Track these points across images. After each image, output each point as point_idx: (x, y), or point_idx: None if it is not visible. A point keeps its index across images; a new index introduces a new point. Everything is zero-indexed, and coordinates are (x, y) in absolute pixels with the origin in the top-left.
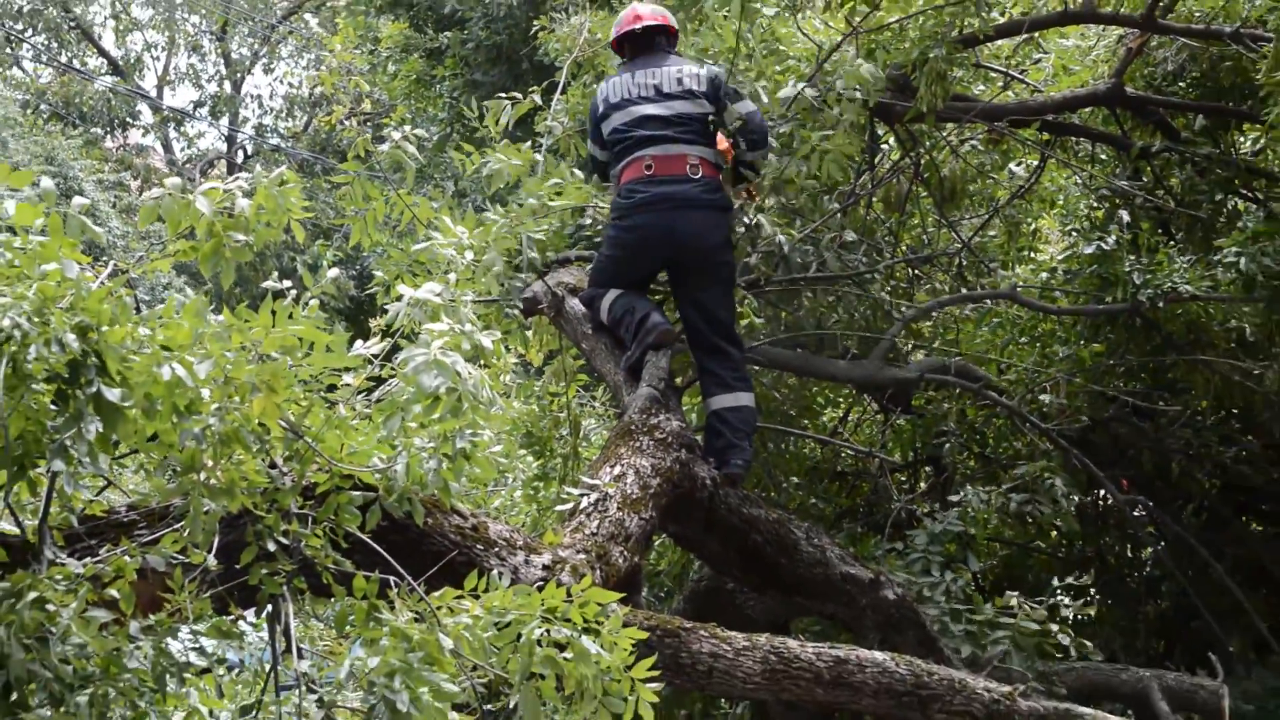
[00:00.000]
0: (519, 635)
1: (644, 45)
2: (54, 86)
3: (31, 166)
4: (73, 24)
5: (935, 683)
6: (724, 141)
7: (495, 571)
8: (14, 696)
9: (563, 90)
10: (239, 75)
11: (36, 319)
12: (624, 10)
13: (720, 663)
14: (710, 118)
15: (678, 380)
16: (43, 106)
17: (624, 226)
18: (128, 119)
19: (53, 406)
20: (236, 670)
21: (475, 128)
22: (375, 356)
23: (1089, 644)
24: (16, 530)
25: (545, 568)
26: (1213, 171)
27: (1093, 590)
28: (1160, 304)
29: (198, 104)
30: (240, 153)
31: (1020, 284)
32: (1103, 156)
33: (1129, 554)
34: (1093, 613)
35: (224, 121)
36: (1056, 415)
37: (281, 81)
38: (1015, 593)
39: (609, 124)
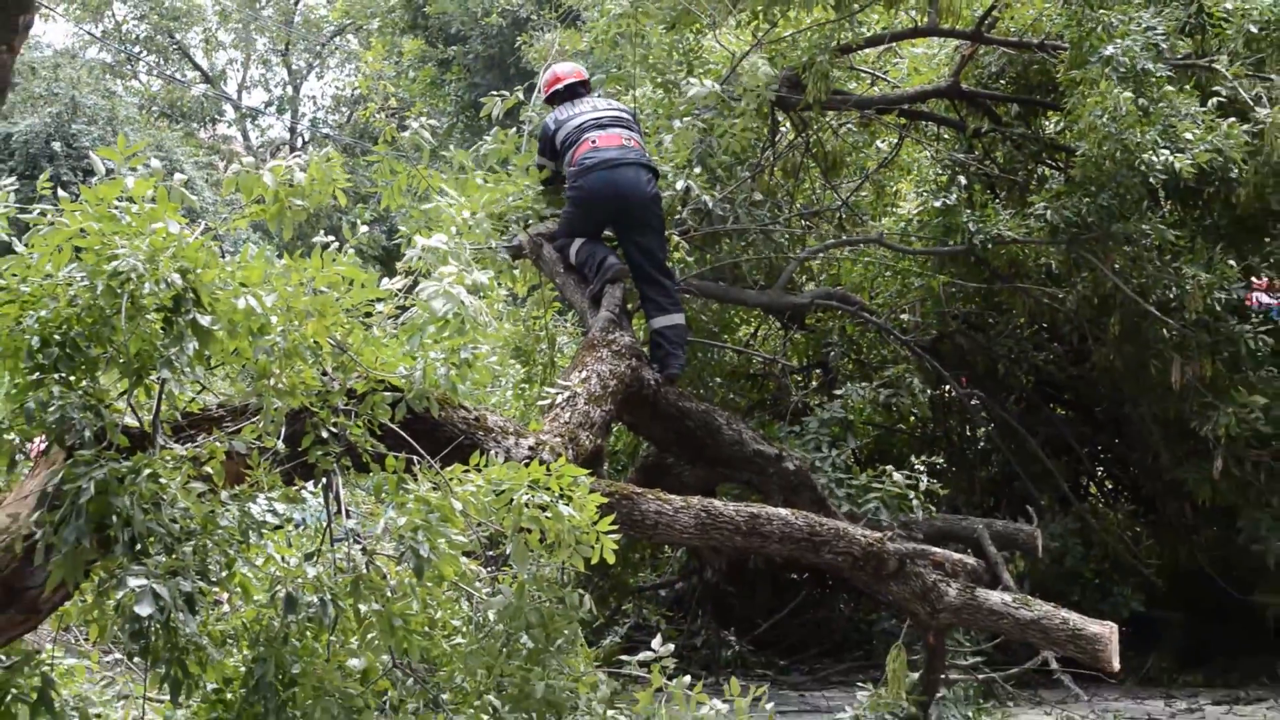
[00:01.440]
0: (511, 500)
1: (569, 95)
2: (162, 92)
3: (145, 154)
4: (175, 45)
5: (825, 531)
6: None
7: (493, 452)
8: (138, 547)
9: (539, 90)
10: (298, 81)
11: (149, 264)
12: (546, 74)
13: (663, 518)
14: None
15: (629, 306)
16: (154, 107)
17: (578, 187)
18: (215, 115)
19: (161, 330)
20: (301, 527)
21: (475, 118)
22: (399, 290)
23: (934, 507)
24: (136, 423)
25: (530, 448)
26: (1026, 147)
27: (940, 461)
28: (989, 245)
29: (267, 103)
30: (299, 140)
31: (885, 232)
32: (945, 136)
33: (967, 433)
34: (940, 483)
35: (287, 116)
36: (913, 330)
37: (330, 85)
38: (886, 465)
39: (560, 135)
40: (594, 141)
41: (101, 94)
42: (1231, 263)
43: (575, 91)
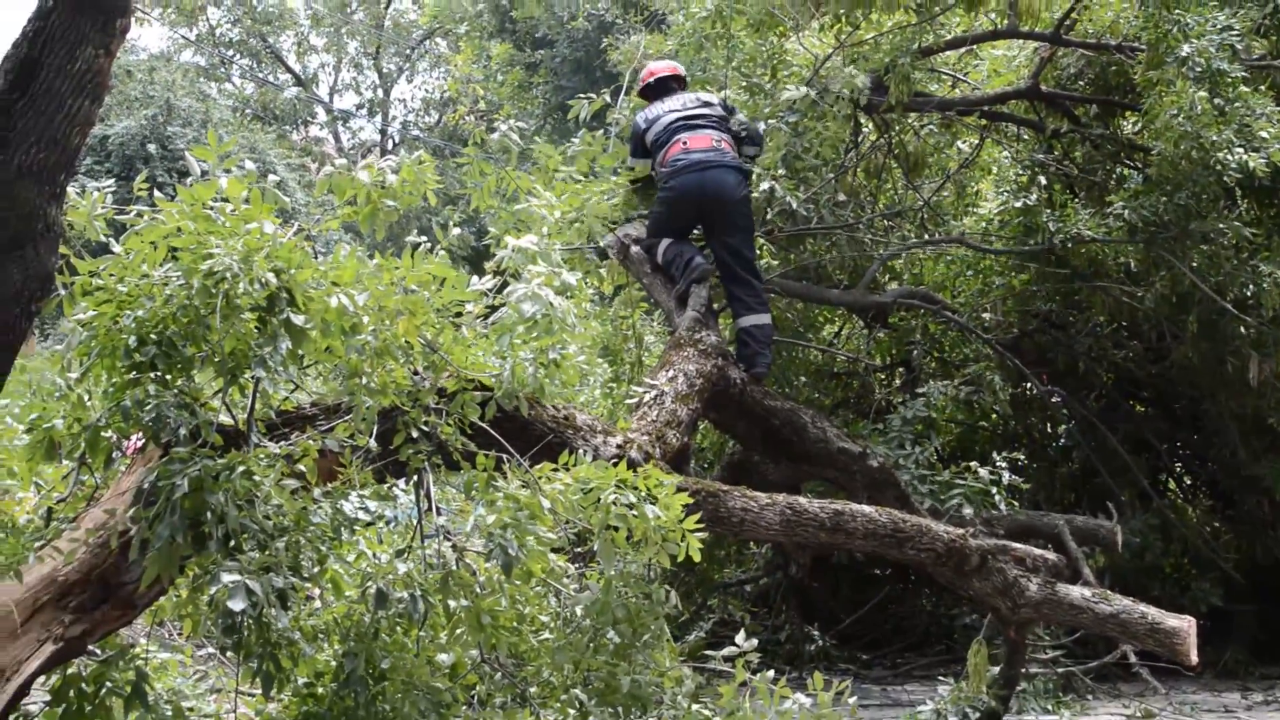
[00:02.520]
0: (599, 498)
1: (662, 90)
2: (255, 95)
3: (239, 155)
4: (268, 49)
5: (908, 528)
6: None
7: (581, 450)
8: (232, 544)
9: (626, 92)
10: (389, 84)
11: (244, 264)
12: (642, 70)
13: (749, 515)
14: (723, 120)
15: (715, 306)
16: (247, 110)
17: (668, 188)
18: (308, 118)
19: (255, 329)
20: (392, 524)
21: (562, 120)
22: (489, 290)
23: (1016, 503)
24: (231, 421)
25: (618, 447)
26: (1104, 147)
27: (1022, 457)
28: (1069, 245)
29: (358, 106)
30: (390, 142)
31: (966, 231)
32: (1025, 136)
33: (1048, 430)
34: (1022, 479)
35: (378, 119)
36: (994, 328)
37: (420, 88)
38: (968, 462)
39: (650, 134)
40: (685, 143)
41: (196, 97)
42: None
43: (668, 87)
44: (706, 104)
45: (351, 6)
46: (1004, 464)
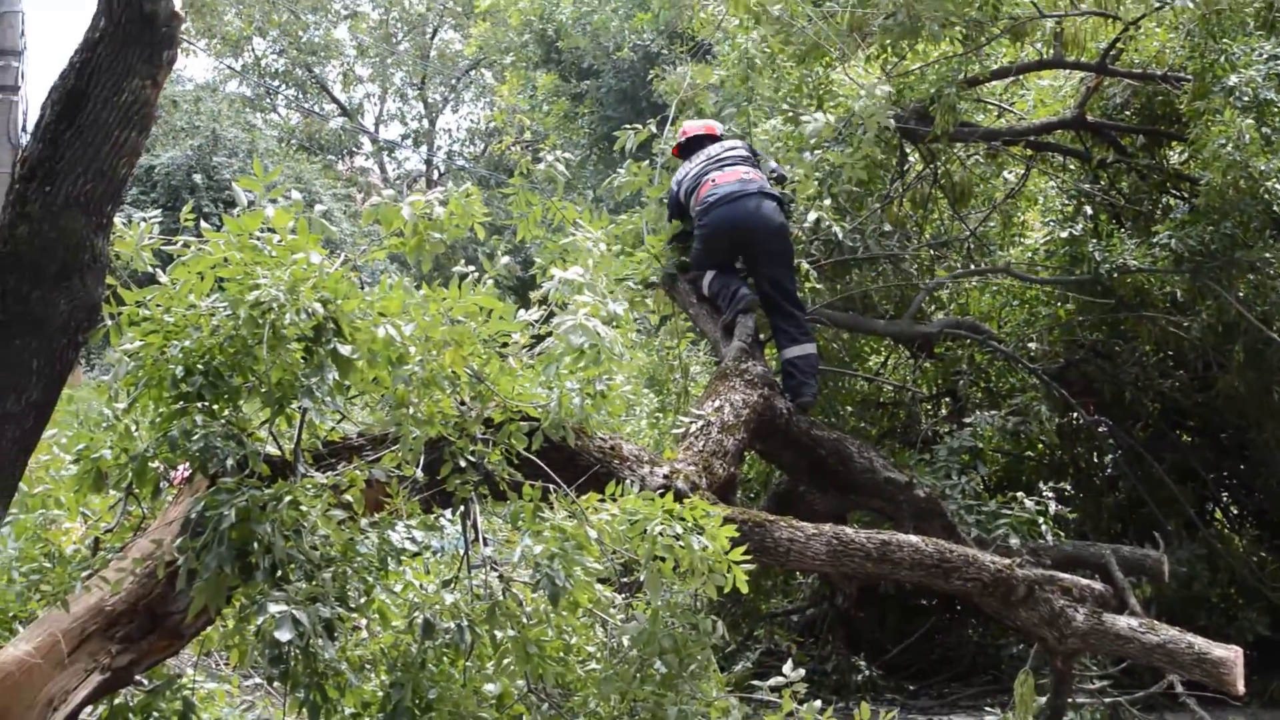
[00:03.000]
0: (645, 528)
1: (696, 147)
2: (300, 125)
3: (285, 185)
4: (313, 79)
5: (955, 558)
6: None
7: (628, 480)
8: (279, 574)
9: (672, 122)
10: (434, 114)
11: (290, 294)
12: (678, 128)
13: (795, 545)
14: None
15: (760, 336)
16: (293, 140)
17: (704, 224)
18: (353, 148)
19: (302, 359)
20: (438, 554)
21: (608, 150)
22: (535, 321)
23: (1062, 533)
24: (278, 452)
25: (665, 477)
26: (1150, 176)
27: (1068, 487)
28: (1115, 274)
29: (404, 136)
30: (435, 172)
31: (1012, 261)
32: (1071, 166)
33: (1094, 459)
34: (1068, 509)
35: (423, 149)
36: (1040, 358)
37: (465, 118)
38: (1015, 492)
39: (684, 189)
40: (713, 181)
41: (241, 127)
42: None
43: (701, 144)
44: (733, 147)
45: (397, 37)
46: (1050, 494)
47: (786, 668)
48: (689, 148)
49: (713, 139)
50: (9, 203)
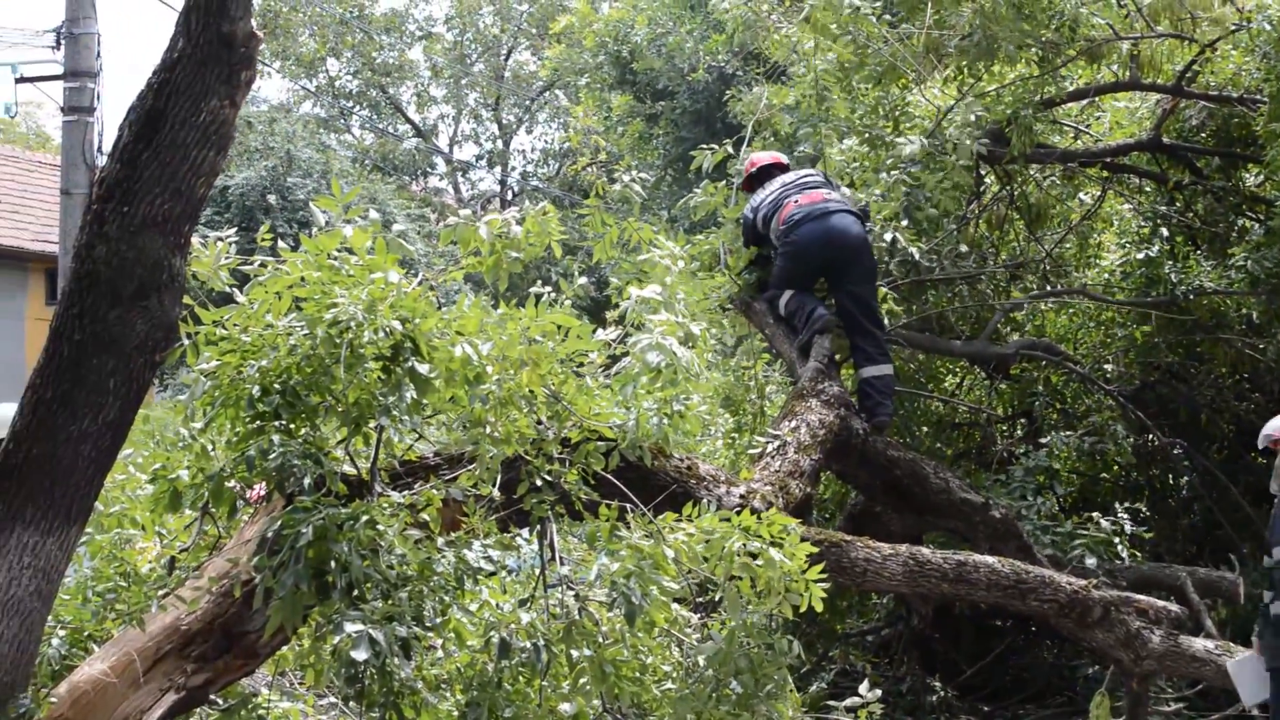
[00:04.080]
0: (723, 547)
1: (765, 177)
2: (375, 146)
3: (361, 205)
4: (387, 100)
5: (1031, 579)
6: None
7: (704, 500)
8: (355, 593)
9: (748, 143)
10: (508, 135)
11: (368, 313)
12: (745, 160)
13: (872, 565)
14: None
15: (837, 357)
16: (367, 161)
17: (790, 241)
18: (427, 169)
19: (379, 379)
20: (514, 574)
21: (682, 171)
22: (612, 341)
23: (1138, 554)
24: (354, 471)
25: (741, 497)
26: (1226, 198)
27: (1144, 508)
28: (1190, 296)
29: (478, 157)
30: (509, 192)
31: (1088, 283)
32: (1146, 188)
33: (1170, 481)
34: (1144, 530)
35: (497, 170)
36: (1116, 379)
37: (539, 139)
38: (1090, 513)
39: (760, 216)
40: (796, 201)
41: (316, 148)
42: None
43: (770, 174)
44: (809, 173)
45: (471, 58)
46: (1126, 515)
47: (863, 688)
48: (758, 178)
49: (781, 168)
50: (86, 223)
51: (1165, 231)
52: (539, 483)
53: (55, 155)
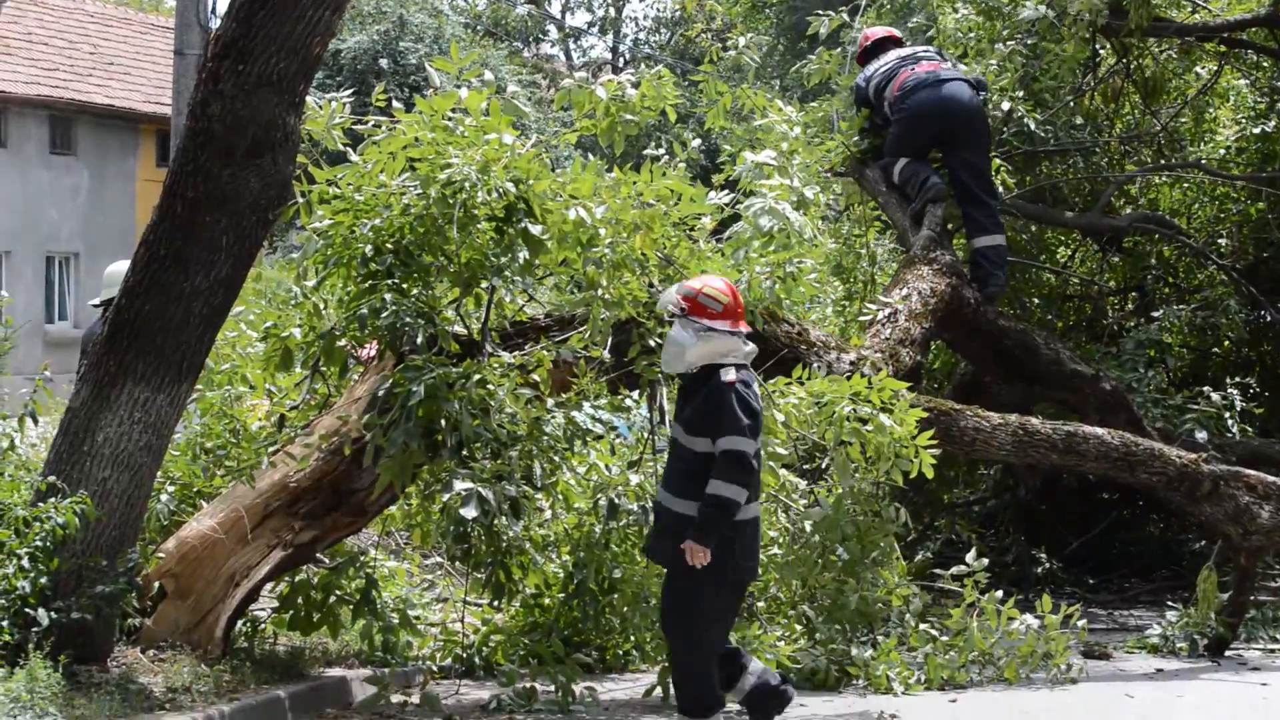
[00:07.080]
0: (833, 412)
1: (879, 50)
2: (487, 11)
3: (476, 68)
4: None
5: (1141, 451)
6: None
7: (814, 365)
8: (465, 452)
9: (863, 11)
10: (621, 2)
11: (482, 174)
12: (860, 33)
13: (981, 435)
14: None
15: (949, 226)
16: (479, 26)
17: (904, 108)
18: (539, 35)
19: (492, 240)
20: (623, 436)
21: (795, 41)
22: (727, 204)
23: (1249, 428)
24: (465, 331)
25: (852, 363)
26: None
27: (1254, 385)
28: None
29: (590, 24)
30: (621, 59)
31: (1203, 158)
32: (1264, 64)
33: None
34: (1255, 405)
35: (609, 37)
36: (1229, 255)
37: (652, 6)
38: (1201, 387)
39: (873, 85)
40: (912, 70)
41: (429, 12)
42: None
43: (885, 48)
44: (924, 47)
45: None
46: (1236, 390)
47: (970, 557)
48: (872, 51)
49: (896, 42)
50: (201, 80)
51: None
52: (651, 345)
53: (168, 17)
